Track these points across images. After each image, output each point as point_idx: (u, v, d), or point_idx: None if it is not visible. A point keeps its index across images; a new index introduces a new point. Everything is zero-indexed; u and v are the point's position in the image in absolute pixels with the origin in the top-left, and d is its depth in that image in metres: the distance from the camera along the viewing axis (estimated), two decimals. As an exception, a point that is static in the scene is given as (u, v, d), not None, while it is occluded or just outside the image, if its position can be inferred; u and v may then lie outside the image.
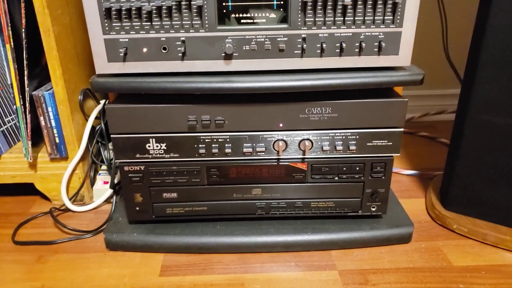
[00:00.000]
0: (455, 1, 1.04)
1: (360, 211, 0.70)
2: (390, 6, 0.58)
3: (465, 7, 1.03)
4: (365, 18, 0.58)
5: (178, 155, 0.65)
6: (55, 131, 0.75)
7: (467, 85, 0.66)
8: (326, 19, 0.58)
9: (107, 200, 0.81)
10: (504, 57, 0.61)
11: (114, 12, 0.57)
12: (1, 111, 0.79)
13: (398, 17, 0.58)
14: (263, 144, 0.65)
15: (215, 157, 0.66)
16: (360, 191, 0.68)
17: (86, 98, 0.81)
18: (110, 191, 0.79)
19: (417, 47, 0.62)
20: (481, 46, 0.62)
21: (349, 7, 0.58)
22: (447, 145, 1.00)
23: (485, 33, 0.61)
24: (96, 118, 0.80)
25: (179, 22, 0.58)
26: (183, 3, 0.57)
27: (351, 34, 0.59)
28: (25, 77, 0.71)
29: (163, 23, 0.58)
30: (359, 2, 0.57)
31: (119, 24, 0.58)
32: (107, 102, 0.81)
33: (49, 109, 0.74)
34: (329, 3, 0.57)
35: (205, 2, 0.57)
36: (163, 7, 0.57)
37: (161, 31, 0.59)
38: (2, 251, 0.70)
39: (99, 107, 0.80)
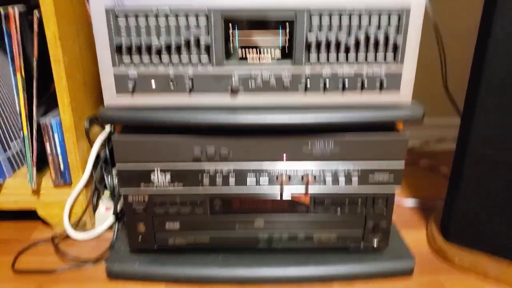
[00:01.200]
0: (453, 36, 1.06)
1: (361, 244, 0.70)
2: (391, 46, 0.60)
3: (463, 40, 1.06)
4: (367, 57, 0.60)
5: (182, 186, 0.66)
6: (60, 158, 0.76)
7: (466, 120, 0.67)
8: (329, 57, 0.60)
9: (110, 227, 0.81)
10: (502, 94, 0.63)
11: (124, 48, 0.59)
12: (8, 136, 0.80)
13: (399, 56, 0.60)
14: (266, 177, 0.66)
15: (219, 188, 0.66)
16: (362, 224, 0.69)
17: (92, 124, 0.82)
18: (112, 218, 0.79)
19: (417, 77, 0.63)
20: (480, 83, 0.64)
21: (351, 46, 0.60)
22: (448, 176, 1.00)
23: (483, 69, 0.63)
24: (101, 144, 0.81)
25: (187, 59, 0.60)
26: (192, 41, 0.59)
27: (353, 72, 0.61)
28: (34, 106, 0.72)
29: (172, 59, 0.60)
30: (361, 42, 0.59)
31: (129, 59, 0.60)
32: (112, 128, 0.82)
33: (56, 136, 0.75)
34: (332, 44, 0.59)
35: (213, 40, 0.59)
36: (173, 44, 0.59)
37: (169, 66, 0.60)
38: (1, 280, 0.70)
39: (104, 133, 0.81)
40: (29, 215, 0.82)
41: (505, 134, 0.64)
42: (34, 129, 0.73)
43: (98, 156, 0.81)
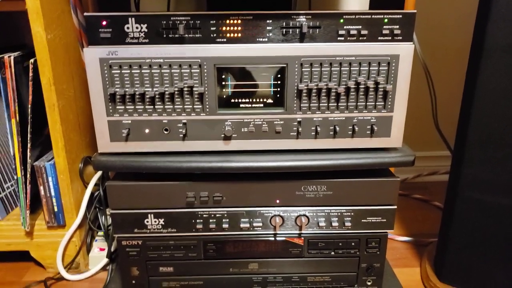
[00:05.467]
0: (442, 73, 1.09)
1: (356, 286, 0.70)
2: (381, 93, 0.61)
3: (452, 80, 1.09)
4: (358, 103, 0.62)
5: (175, 230, 0.66)
6: (54, 200, 0.76)
7: (456, 164, 0.68)
8: (320, 104, 0.61)
9: (103, 268, 0.80)
10: (490, 138, 0.64)
11: (118, 97, 0.60)
12: (1, 179, 0.80)
13: (389, 103, 0.62)
14: (260, 220, 0.66)
15: (212, 232, 0.66)
16: (356, 266, 0.69)
17: (86, 164, 0.82)
18: (106, 259, 0.79)
19: (409, 112, 0.64)
20: (468, 129, 0.65)
21: (342, 94, 0.61)
22: (440, 209, 1.01)
23: (471, 116, 0.65)
24: (95, 184, 0.81)
25: (181, 106, 0.61)
26: (185, 90, 0.60)
27: (344, 118, 0.62)
28: (28, 150, 0.73)
29: (166, 107, 0.61)
30: (351, 90, 0.61)
31: (123, 107, 0.61)
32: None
33: (50, 179, 0.75)
34: (323, 91, 0.61)
35: (206, 89, 0.60)
36: (166, 93, 0.60)
37: (163, 114, 0.61)
38: (-7, 326, 0.69)
39: (98, 174, 0.81)
40: (22, 256, 0.82)
41: (493, 178, 0.65)
42: (28, 172, 0.74)
43: (92, 196, 0.81)
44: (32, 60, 0.69)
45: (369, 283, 0.70)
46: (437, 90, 0.88)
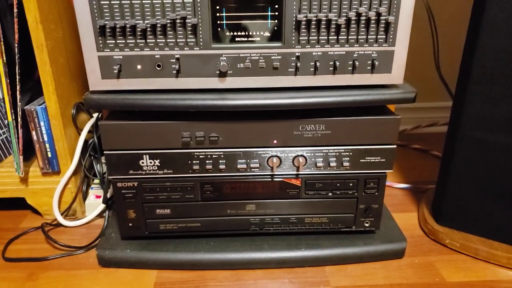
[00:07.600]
0: (445, 16, 1.05)
1: (353, 227, 0.70)
2: (383, 25, 0.59)
3: (456, 22, 1.05)
4: (359, 37, 0.59)
5: (171, 171, 0.65)
6: (47, 145, 0.75)
7: (458, 103, 0.67)
8: (320, 38, 0.59)
9: (100, 215, 0.80)
10: (494, 75, 0.62)
11: (108, 30, 0.57)
12: (-8, 125, 0.78)
13: (391, 36, 0.59)
14: (257, 160, 0.65)
15: (209, 173, 0.65)
16: (354, 207, 0.69)
17: (79, 111, 0.80)
18: (103, 205, 0.78)
19: (409, 60, 0.62)
20: (472, 64, 0.63)
21: (342, 26, 0.58)
22: (439, 158, 1.00)
23: (476, 51, 0.62)
24: (89, 131, 0.80)
25: (174, 40, 0.58)
26: (177, 21, 0.57)
27: (344, 52, 0.60)
28: (17, 92, 0.70)
29: (158, 40, 0.58)
30: (352, 22, 0.58)
31: (113, 41, 0.58)
32: (100, 116, 0.81)
33: (42, 123, 0.73)
34: (322, 23, 0.58)
35: (199, 20, 0.57)
36: (158, 25, 0.57)
37: (155, 49, 0.59)
38: (-9, 268, 0.69)
39: (92, 120, 0.80)
40: (19, 205, 0.81)
41: (496, 116, 0.64)
42: (18, 116, 0.72)
43: (86, 144, 0.80)
44: (16, -5, 0.65)
45: (366, 225, 0.70)
46: (440, 34, 0.85)
